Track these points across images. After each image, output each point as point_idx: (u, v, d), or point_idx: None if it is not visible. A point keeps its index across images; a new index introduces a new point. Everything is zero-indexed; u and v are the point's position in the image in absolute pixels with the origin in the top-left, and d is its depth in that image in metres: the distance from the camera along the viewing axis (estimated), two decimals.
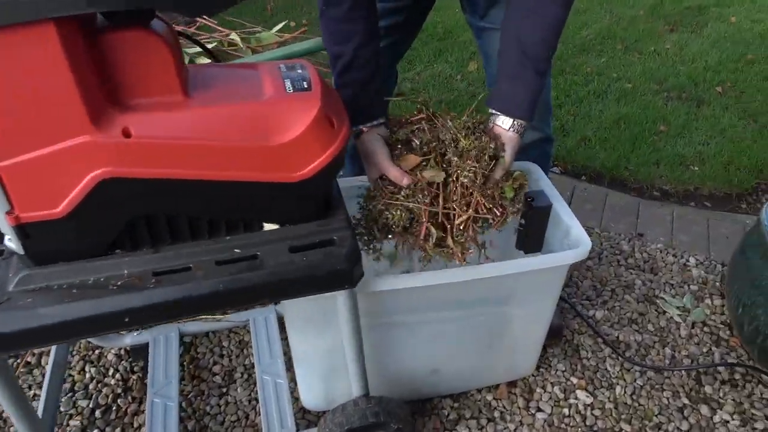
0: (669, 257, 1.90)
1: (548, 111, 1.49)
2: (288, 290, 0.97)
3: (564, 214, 1.24)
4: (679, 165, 2.41)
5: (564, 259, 1.15)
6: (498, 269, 1.11)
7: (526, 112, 1.14)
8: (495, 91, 1.18)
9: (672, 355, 1.58)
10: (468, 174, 1.10)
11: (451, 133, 1.14)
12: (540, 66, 1.13)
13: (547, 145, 1.52)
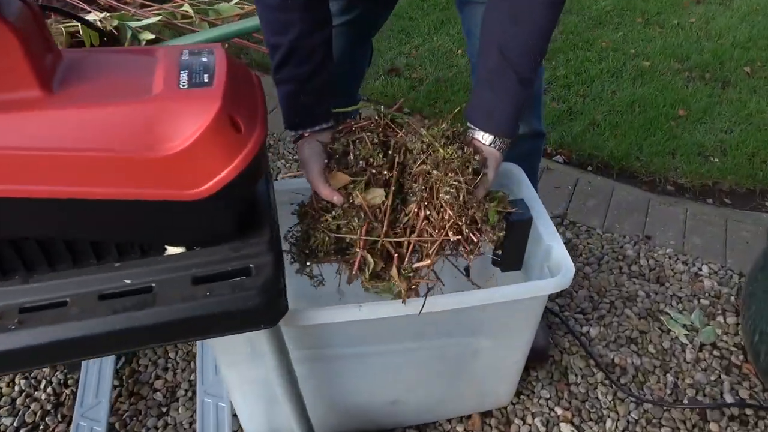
0: (678, 264, 1.69)
1: (538, 101, 1.27)
2: (187, 332, 0.80)
3: (545, 230, 1.04)
4: (697, 155, 2.17)
5: (538, 289, 0.96)
6: (455, 301, 0.92)
7: (506, 128, 0.96)
8: (473, 101, 0.98)
9: (674, 383, 1.39)
10: (450, 189, 0.90)
11: (425, 142, 0.93)
12: (524, 74, 0.93)
13: (536, 142, 1.30)
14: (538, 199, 1.10)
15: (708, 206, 1.95)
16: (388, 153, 0.93)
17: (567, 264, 0.97)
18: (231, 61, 0.80)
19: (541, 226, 1.05)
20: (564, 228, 1.81)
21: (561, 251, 0.99)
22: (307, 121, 1.01)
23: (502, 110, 0.95)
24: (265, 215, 0.89)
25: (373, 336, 1.00)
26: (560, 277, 0.95)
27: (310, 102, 1.01)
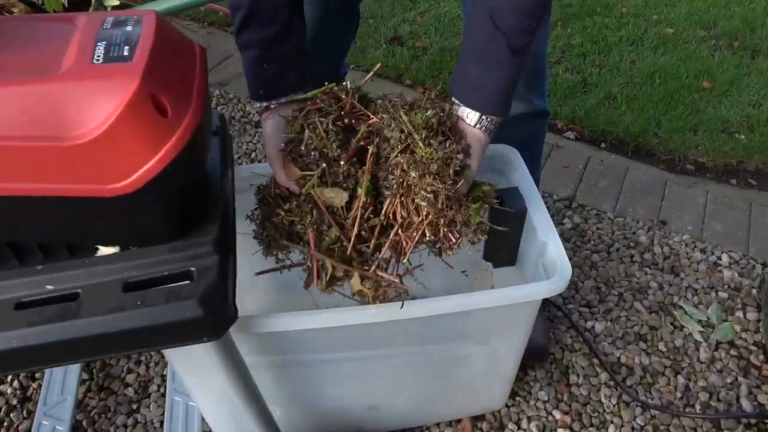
0: (696, 253, 1.55)
1: (540, 75, 1.13)
2: (115, 347, 0.69)
3: (540, 224, 0.91)
4: (721, 132, 2.00)
5: (527, 294, 0.84)
6: (429, 308, 0.81)
7: (496, 105, 0.83)
8: (458, 73, 0.85)
9: (686, 385, 1.27)
10: (427, 195, 0.78)
11: (404, 131, 0.80)
12: (517, 42, 0.79)
13: (537, 122, 1.16)
14: (535, 188, 0.98)
15: (731, 188, 1.80)
16: (351, 141, 0.81)
17: (563, 264, 0.84)
18: (163, 30, 0.68)
19: (537, 218, 0.93)
20: (572, 211, 1.68)
21: (557, 249, 0.87)
22: (272, 92, 0.90)
23: (492, 84, 0.81)
24: (214, 209, 0.78)
25: (343, 342, 0.90)
26: (555, 280, 0.83)
27: (276, 70, 0.89)
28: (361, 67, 2.32)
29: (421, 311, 0.81)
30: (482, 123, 0.82)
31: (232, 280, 0.74)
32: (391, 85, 2.24)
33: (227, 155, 0.89)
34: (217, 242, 0.74)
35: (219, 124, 0.92)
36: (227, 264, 0.74)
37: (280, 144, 0.86)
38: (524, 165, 1.01)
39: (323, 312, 0.81)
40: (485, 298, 0.82)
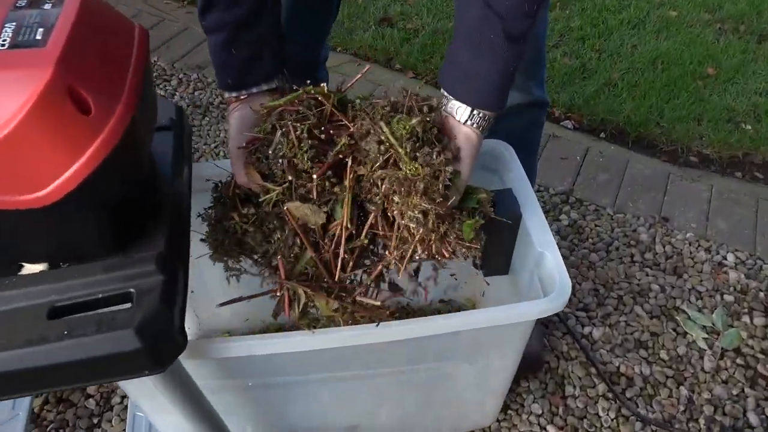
0: (700, 252, 1.46)
1: (540, 61, 1.02)
2: (37, 384, 0.59)
3: (537, 232, 0.82)
4: (726, 122, 1.90)
5: (519, 314, 0.74)
6: (407, 330, 0.71)
7: (490, 99, 0.72)
8: (448, 61, 0.74)
9: (689, 398, 1.19)
10: (415, 215, 0.68)
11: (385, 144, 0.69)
12: (514, 27, 0.69)
13: (535, 114, 1.06)
14: (531, 190, 0.88)
15: (736, 182, 1.70)
16: (327, 153, 0.70)
17: (563, 280, 0.75)
18: (90, 8, 0.57)
19: (533, 224, 0.83)
20: (569, 206, 1.58)
21: (556, 262, 0.77)
22: (241, 82, 0.80)
23: (485, 74, 0.71)
24: (161, 218, 0.67)
25: (318, 364, 0.80)
26: (553, 298, 0.74)
27: (246, 56, 0.78)
28: (348, 50, 2.20)
29: (401, 333, 0.71)
30: (474, 119, 0.72)
31: (181, 300, 0.64)
32: (380, 69, 2.12)
33: (183, 152, 0.79)
34: (163, 258, 0.63)
35: (174, 116, 0.82)
36: (174, 284, 0.64)
37: (244, 141, 0.75)
38: (519, 163, 0.91)
39: (292, 335, 0.71)
40: (474, 319, 0.73)
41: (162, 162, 0.74)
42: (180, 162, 0.76)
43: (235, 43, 0.77)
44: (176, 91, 1.95)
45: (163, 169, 0.73)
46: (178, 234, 0.68)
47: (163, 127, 0.78)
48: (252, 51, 0.78)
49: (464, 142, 0.72)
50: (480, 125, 0.73)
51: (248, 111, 0.79)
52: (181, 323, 0.64)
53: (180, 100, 1.92)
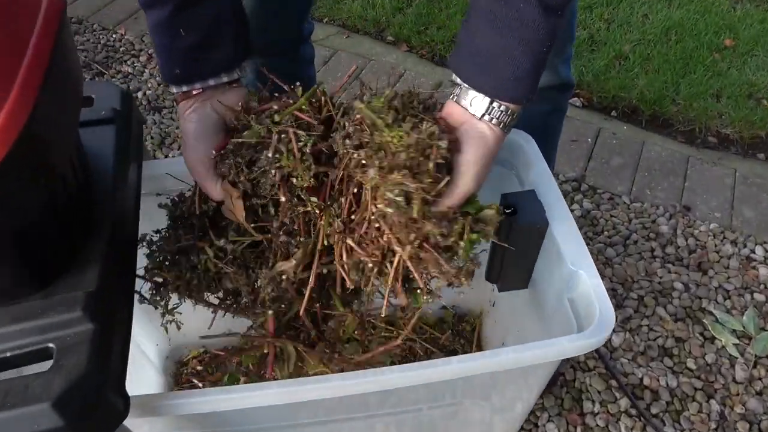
0: (726, 246, 1.33)
1: (569, 34, 0.86)
2: None
3: (567, 244, 0.67)
4: (746, 98, 1.75)
5: (555, 353, 0.60)
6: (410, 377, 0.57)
7: (517, 87, 0.56)
8: (462, 39, 0.58)
9: (720, 413, 1.06)
10: (394, 198, 0.53)
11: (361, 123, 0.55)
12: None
13: (561, 97, 0.90)
14: (558, 191, 0.73)
15: (759, 164, 1.56)
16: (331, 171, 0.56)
17: (605, 310, 0.60)
18: None
19: (563, 236, 0.68)
20: (582, 195, 1.44)
21: (594, 284, 0.63)
22: (193, 71, 0.63)
23: (511, 55, 0.55)
24: (94, 243, 0.52)
25: (303, 411, 0.66)
26: (593, 332, 0.59)
27: (198, 38, 0.61)
28: (336, 21, 2.01)
29: (396, 381, 0.57)
30: (493, 113, 0.56)
31: (120, 355, 0.49)
32: (370, 41, 1.94)
33: (128, 152, 0.63)
34: (94, 300, 0.48)
35: (119, 105, 0.65)
36: (110, 334, 0.49)
37: (210, 150, 0.60)
38: (542, 158, 0.76)
39: (269, 387, 0.56)
40: (491, 362, 0.58)
41: (99, 166, 0.58)
42: (123, 165, 0.61)
43: (182, 20, 0.60)
44: (145, 67, 1.77)
45: (100, 175, 0.57)
46: (118, 264, 0.53)
47: (102, 120, 0.62)
48: (205, 31, 0.61)
49: (474, 137, 0.57)
50: (501, 121, 0.57)
51: (209, 113, 0.62)
52: (119, 384, 0.49)
53: (150, 77, 1.74)
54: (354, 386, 0.57)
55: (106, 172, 0.58)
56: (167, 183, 0.78)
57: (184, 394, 0.55)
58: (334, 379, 0.56)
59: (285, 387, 0.56)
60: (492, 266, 0.77)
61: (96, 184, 0.56)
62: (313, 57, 1.14)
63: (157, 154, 1.52)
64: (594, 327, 0.60)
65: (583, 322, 0.64)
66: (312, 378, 0.57)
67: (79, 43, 1.87)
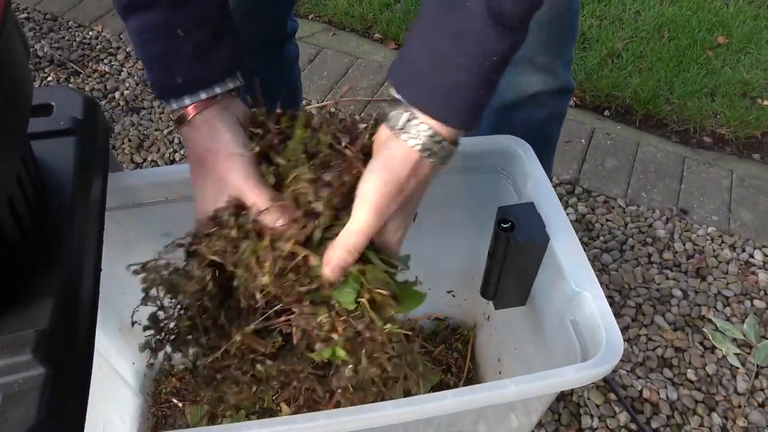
0: (724, 250, 1.29)
1: (571, 32, 0.80)
2: None
3: (569, 262, 0.62)
4: (741, 96, 1.72)
5: (560, 383, 0.55)
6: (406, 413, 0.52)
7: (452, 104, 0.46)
8: (403, 48, 0.49)
9: (722, 426, 1.03)
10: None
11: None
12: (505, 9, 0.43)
13: (559, 102, 0.85)
14: (559, 204, 0.68)
15: (756, 165, 1.53)
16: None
17: (612, 336, 0.56)
18: None
19: (565, 254, 0.63)
20: (576, 198, 1.40)
21: (600, 307, 0.58)
22: (199, 77, 0.55)
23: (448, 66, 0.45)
24: (46, 278, 0.46)
25: None
26: (600, 361, 0.55)
27: (201, 38, 0.54)
28: (321, 18, 1.95)
29: (390, 418, 0.52)
30: (410, 131, 0.47)
31: (79, 403, 0.44)
32: (357, 38, 1.88)
33: (91, 167, 0.57)
34: (47, 339, 0.43)
35: (81, 114, 0.60)
36: (66, 379, 0.43)
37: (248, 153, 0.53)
38: (541, 168, 0.71)
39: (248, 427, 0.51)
40: (493, 395, 0.53)
41: (56, 184, 0.52)
42: (85, 183, 0.55)
43: (177, 22, 0.52)
44: (123, 66, 1.70)
45: (57, 195, 0.52)
46: (76, 296, 0.47)
47: (60, 131, 0.56)
48: (207, 31, 0.54)
49: (380, 164, 0.48)
50: (421, 143, 0.47)
51: (225, 118, 0.55)
52: None
53: (128, 77, 1.67)
54: (346, 424, 0.52)
55: (64, 190, 0.52)
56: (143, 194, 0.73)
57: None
58: (320, 418, 0.51)
59: (268, 428, 0.51)
60: (487, 283, 0.73)
61: (52, 205, 0.50)
62: (298, 56, 1.09)
63: (135, 157, 1.46)
64: (601, 355, 0.55)
65: (588, 347, 0.59)
66: (299, 417, 0.52)
67: (54, 41, 1.80)
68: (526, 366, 0.79)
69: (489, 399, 0.53)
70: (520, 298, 0.73)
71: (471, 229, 0.85)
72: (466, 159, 0.77)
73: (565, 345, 0.63)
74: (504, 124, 0.81)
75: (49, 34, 1.82)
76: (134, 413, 0.95)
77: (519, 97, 0.80)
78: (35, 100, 0.59)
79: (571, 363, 0.56)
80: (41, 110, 0.59)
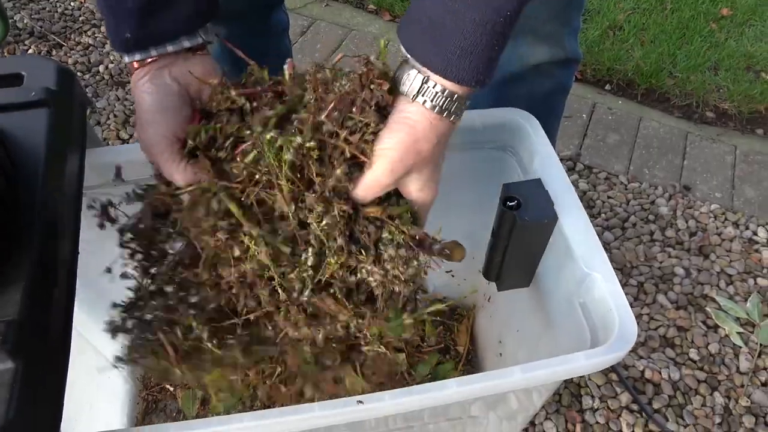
0: (728, 228, 1.27)
1: (577, 4, 0.76)
2: None
3: (580, 243, 0.59)
4: (744, 70, 1.68)
5: (570, 370, 0.52)
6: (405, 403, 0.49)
7: (465, 63, 0.44)
8: (411, 6, 0.47)
9: (725, 406, 1.01)
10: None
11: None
12: None
13: (566, 73, 0.81)
14: (568, 180, 0.64)
15: (760, 141, 1.50)
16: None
17: (625, 320, 0.53)
18: None
19: (574, 234, 0.60)
20: (577, 175, 1.36)
21: (612, 290, 0.55)
22: (147, 33, 0.52)
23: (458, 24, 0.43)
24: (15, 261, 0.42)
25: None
26: (613, 347, 0.52)
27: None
28: None
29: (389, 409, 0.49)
30: (426, 93, 0.45)
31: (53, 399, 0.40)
32: (351, 10, 1.82)
33: (67, 141, 0.53)
34: (17, 330, 0.39)
35: (55, 85, 0.55)
36: (40, 375, 0.39)
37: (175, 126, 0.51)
38: (548, 143, 0.67)
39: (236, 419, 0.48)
40: (498, 383, 0.50)
41: (27, 160, 0.48)
42: (59, 158, 0.50)
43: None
44: (107, 38, 1.63)
45: (29, 172, 0.48)
46: (50, 284, 0.43)
47: (31, 102, 0.52)
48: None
49: (398, 125, 0.47)
50: (437, 104, 0.46)
51: (167, 80, 0.53)
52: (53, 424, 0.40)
53: (112, 49, 1.60)
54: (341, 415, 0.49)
55: (36, 167, 0.48)
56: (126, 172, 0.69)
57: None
58: (317, 409, 0.48)
59: (259, 420, 0.48)
60: (490, 263, 0.69)
61: (22, 184, 0.46)
62: (288, 26, 1.04)
63: (121, 133, 1.41)
64: (614, 341, 0.52)
65: (598, 332, 0.56)
66: (293, 408, 0.48)
67: (35, 11, 1.72)
68: (529, 349, 0.77)
69: (494, 387, 0.50)
70: (524, 279, 0.70)
71: (472, 206, 0.81)
72: (469, 134, 0.73)
73: (573, 329, 0.60)
74: (508, 98, 0.77)
75: (29, 5, 1.74)
76: (124, 398, 0.92)
77: (523, 68, 0.76)
78: (5, 70, 0.55)
79: (580, 348, 0.53)
80: (11, 80, 0.54)
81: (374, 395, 0.49)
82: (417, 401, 0.50)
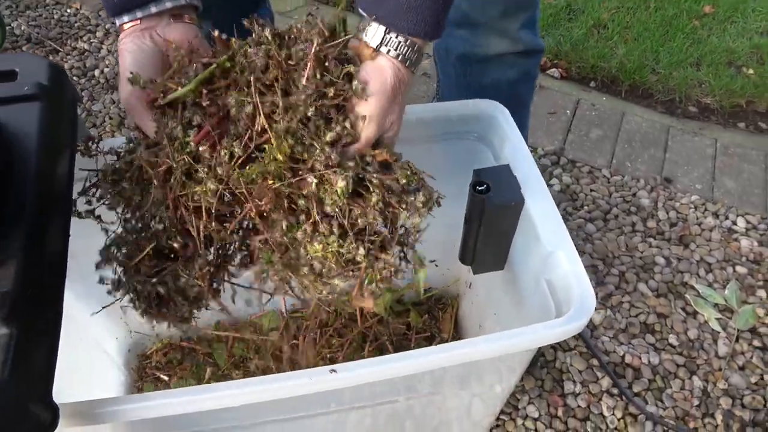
0: (707, 218, 1.30)
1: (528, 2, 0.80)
2: None
3: (544, 222, 0.63)
4: (726, 66, 1.72)
5: (532, 340, 0.55)
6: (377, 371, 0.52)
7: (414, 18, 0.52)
8: None
9: (703, 389, 1.04)
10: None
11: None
12: None
13: (528, 63, 0.85)
14: (535, 165, 0.68)
15: (741, 134, 1.53)
16: None
17: (584, 292, 0.56)
18: None
19: (539, 215, 0.63)
20: (560, 169, 1.40)
21: (573, 266, 0.58)
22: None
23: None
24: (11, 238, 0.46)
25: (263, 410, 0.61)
26: (572, 317, 0.55)
27: None
28: None
29: (360, 377, 0.52)
30: (389, 44, 0.52)
31: (44, 363, 0.44)
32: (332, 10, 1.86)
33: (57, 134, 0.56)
34: (12, 300, 0.42)
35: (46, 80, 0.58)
36: (32, 340, 0.43)
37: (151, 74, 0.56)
38: (517, 130, 0.71)
39: (219, 388, 0.51)
40: (462, 353, 0.54)
41: (20, 147, 0.52)
42: (52, 146, 0.54)
43: None
44: (102, 44, 1.67)
45: (21, 157, 0.51)
46: (42, 257, 0.47)
47: (24, 96, 0.55)
48: None
49: (373, 75, 0.53)
50: (400, 53, 0.53)
51: (147, 42, 0.58)
52: (44, 395, 0.43)
53: (107, 54, 1.64)
54: (319, 384, 0.52)
55: (28, 152, 0.51)
56: None
57: (124, 399, 0.50)
58: (297, 377, 0.51)
59: (240, 388, 0.51)
60: (465, 247, 0.73)
61: (17, 168, 0.50)
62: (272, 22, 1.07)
63: (117, 135, 1.44)
64: (573, 312, 0.55)
65: (562, 306, 0.60)
66: (272, 377, 0.52)
67: (32, 18, 1.76)
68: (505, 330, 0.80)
69: (462, 356, 0.54)
70: (498, 262, 0.74)
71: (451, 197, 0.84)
72: (444, 125, 0.76)
73: (540, 305, 0.64)
74: (474, 85, 0.81)
75: (26, 12, 1.78)
76: (118, 389, 0.95)
77: (486, 56, 0.80)
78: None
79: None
80: (6, 76, 0.57)
81: (346, 364, 0.52)
82: (392, 370, 0.53)
